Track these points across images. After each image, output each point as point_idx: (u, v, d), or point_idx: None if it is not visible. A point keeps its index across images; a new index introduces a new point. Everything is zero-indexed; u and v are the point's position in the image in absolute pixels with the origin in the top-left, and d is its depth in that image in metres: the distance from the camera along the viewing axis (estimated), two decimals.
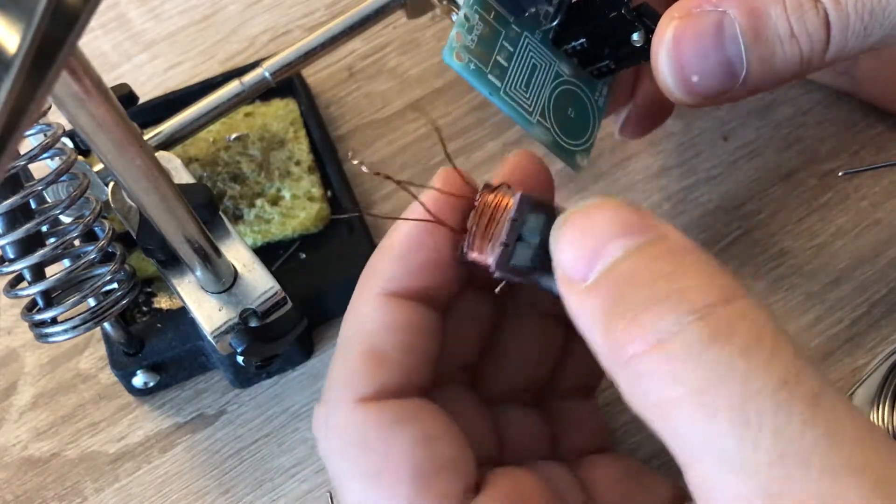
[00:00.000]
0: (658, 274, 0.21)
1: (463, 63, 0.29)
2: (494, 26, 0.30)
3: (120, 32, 0.48)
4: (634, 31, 0.29)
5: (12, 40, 0.17)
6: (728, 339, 0.19)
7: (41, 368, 0.39)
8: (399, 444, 0.24)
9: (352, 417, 0.25)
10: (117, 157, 0.27)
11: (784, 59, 0.27)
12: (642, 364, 0.20)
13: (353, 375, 0.26)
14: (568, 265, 0.23)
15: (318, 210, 0.40)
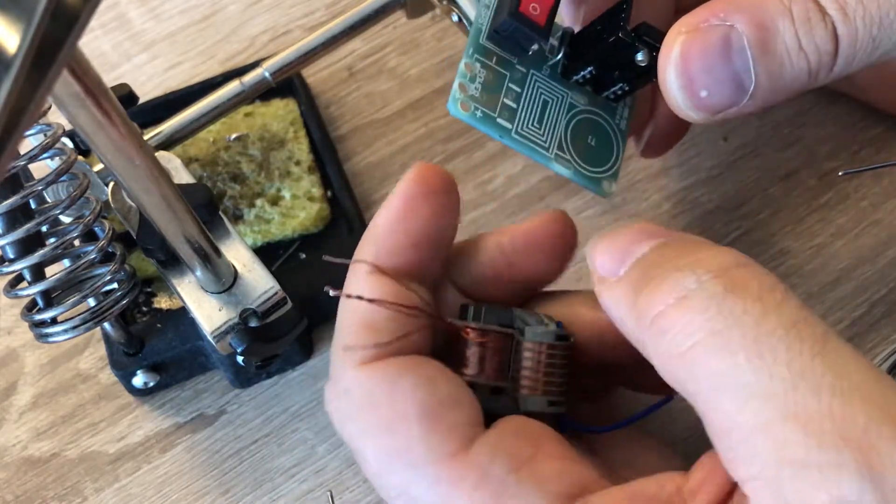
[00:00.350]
0: (678, 255, 0.24)
1: (469, 112, 0.30)
2: (498, 70, 0.30)
3: (120, 32, 0.48)
4: (637, 51, 0.29)
5: (12, 40, 0.17)
6: (742, 290, 0.22)
7: (41, 368, 0.39)
8: (402, 391, 0.26)
9: (356, 380, 0.27)
10: (117, 157, 0.27)
11: (792, 72, 0.27)
12: (666, 319, 0.23)
13: (353, 344, 0.27)
14: (601, 268, 0.26)
15: (318, 210, 0.40)
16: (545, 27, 0.29)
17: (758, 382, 0.21)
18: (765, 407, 0.21)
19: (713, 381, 0.22)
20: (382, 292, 0.28)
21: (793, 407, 0.20)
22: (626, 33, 0.29)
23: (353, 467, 0.36)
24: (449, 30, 0.46)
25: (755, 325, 0.21)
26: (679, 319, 0.22)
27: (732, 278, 0.23)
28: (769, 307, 0.22)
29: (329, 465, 0.36)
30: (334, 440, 0.37)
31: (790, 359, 0.21)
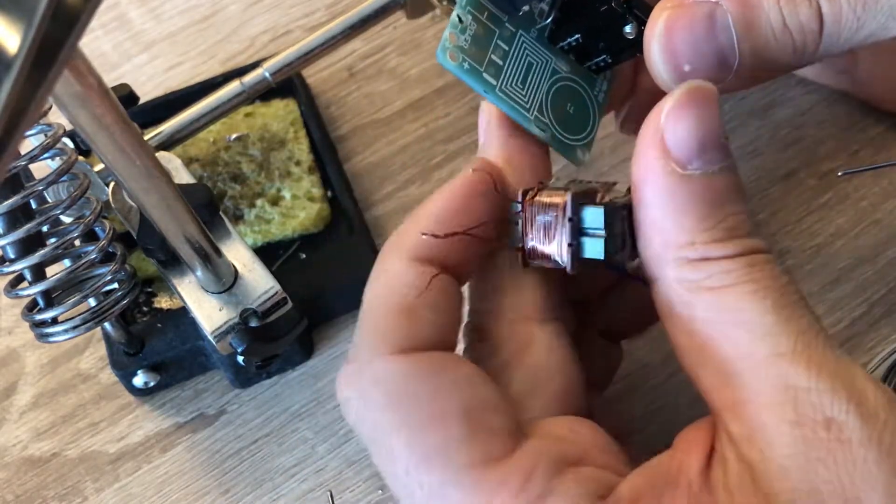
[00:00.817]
0: (736, 207, 0.26)
1: (457, 63, 0.30)
2: (488, 26, 0.31)
3: (120, 32, 0.48)
4: (626, 23, 0.29)
5: (13, 40, 0.17)
6: (773, 267, 0.25)
7: (41, 368, 0.39)
8: (445, 388, 0.25)
9: (392, 369, 0.25)
10: (118, 157, 0.27)
11: (776, 50, 0.27)
12: (716, 263, 0.25)
13: (388, 329, 0.26)
14: (676, 140, 0.25)
15: (318, 210, 0.40)
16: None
17: (777, 323, 0.24)
18: (778, 343, 0.24)
19: (737, 316, 0.24)
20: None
21: (801, 346, 0.24)
22: (618, 3, 0.29)
23: (353, 467, 0.36)
24: None
25: (784, 286, 0.25)
26: (728, 267, 0.25)
27: (768, 259, 0.25)
28: (790, 282, 0.25)
29: (329, 464, 0.36)
30: (334, 440, 0.37)
31: (802, 315, 0.24)
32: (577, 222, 0.26)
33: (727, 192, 0.26)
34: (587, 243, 0.26)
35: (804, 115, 0.42)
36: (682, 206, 0.25)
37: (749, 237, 0.25)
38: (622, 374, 0.37)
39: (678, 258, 0.25)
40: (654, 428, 0.36)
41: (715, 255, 0.25)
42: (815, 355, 0.24)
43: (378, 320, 0.26)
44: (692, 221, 0.25)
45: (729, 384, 0.24)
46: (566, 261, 0.26)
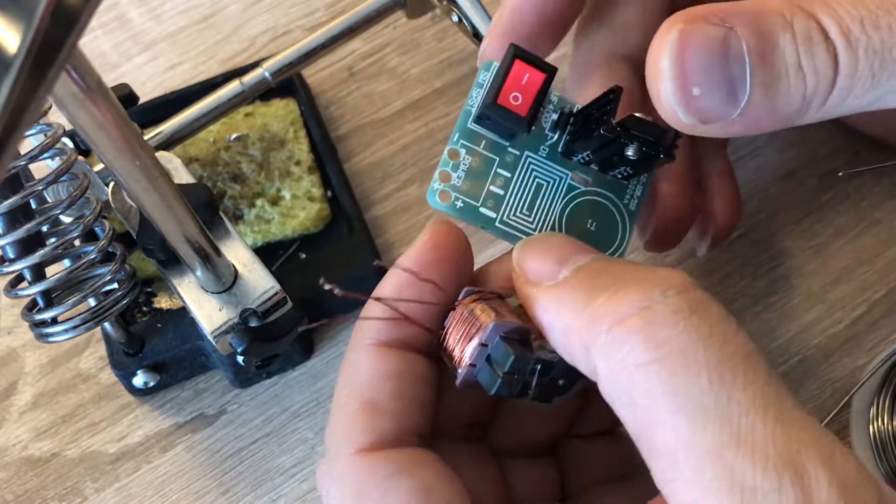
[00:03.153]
0: (630, 269, 0.24)
1: (449, 203, 0.28)
2: (486, 156, 0.28)
3: (120, 32, 0.48)
4: (625, 146, 0.27)
5: (12, 40, 0.17)
6: (706, 311, 0.22)
7: (41, 368, 0.39)
8: (396, 496, 0.24)
9: (350, 469, 0.25)
10: (117, 157, 0.27)
11: (788, 92, 0.25)
12: (625, 327, 0.22)
13: (349, 427, 0.26)
14: (533, 272, 0.25)
15: (318, 210, 0.40)
16: (527, 117, 0.27)
17: (717, 406, 0.21)
18: (721, 431, 0.21)
19: (671, 400, 0.21)
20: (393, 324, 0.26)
21: (744, 433, 0.21)
22: (608, 129, 0.26)
23: None
24: (449, 30, 0.46)
25: (720, 349, 0.21)
26: (643, 331, 0.22)
27: (695, 299, 0.22)
28: (730, 333, 0.22)
29: None
30: None
31: (746, 385, 0.21)
32: (487, 350, 0.25)
33: (609, 265, 0.24)
34: (485, 372, 0.25)
35: None
36: (568, 297, 0.24)
37: (653, 279, 0.23)
38: None
39: (594, 339, 0.23)
40: None
41: (622, 315, 0.22)
42: (761, 441, 0.21)
43: (342, 417, 0.26)
44: (581, 297, 0.23)
45: (676, 479, 0.22)
46: (459, 373, 0.26)
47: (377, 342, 0.27)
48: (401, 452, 0.25)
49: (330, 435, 0.27)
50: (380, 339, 0.27)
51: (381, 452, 0.25)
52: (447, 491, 0.25)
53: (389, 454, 0.25)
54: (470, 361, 0.25)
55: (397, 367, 0.26)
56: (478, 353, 0.25)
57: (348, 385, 0.27)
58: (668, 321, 0.22)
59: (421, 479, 0.25)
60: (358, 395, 0.26)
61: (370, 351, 0.27)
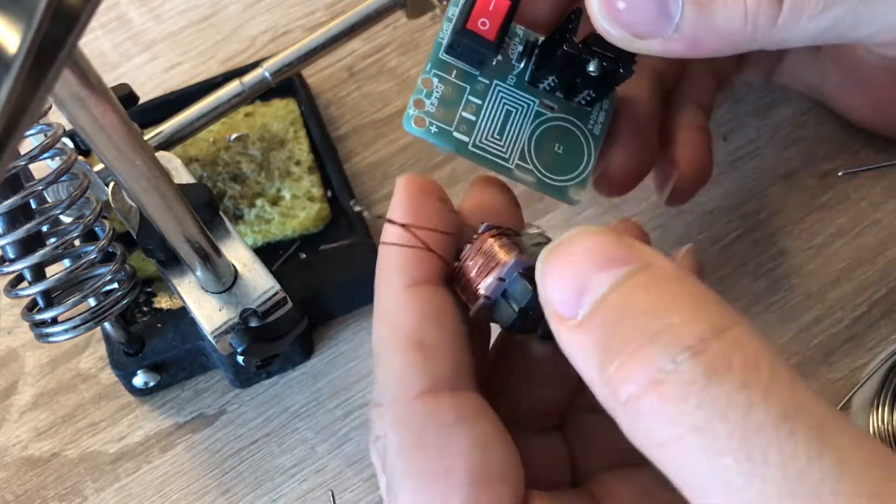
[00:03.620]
0: (646, 308, 0.21)
1: (424, 128, 0.29)
2: (457, 84, 0.30)
3: (120, 32, 0.48)
4: (587, 62, 0.28)
5: (13, 40, 0.17)
6: (725, 375, 0.19)
7: (41, 368, 0.39)
8: (457, 447, 0.24)
9: (410, 415, 0.24)
10: (117, 157, 0.27)
11: (725, 13, 0.25)
12: (640, 405, 0.20)
13: (404, 371, 0.25)
14: (557, 303, 0.22)
15: (318, 210, 0.40)
16: (496, 41, 0.29)
17: (749, 487, 0.18)
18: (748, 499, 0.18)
19: (699, 481, 0.19)
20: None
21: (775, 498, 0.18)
22: (571, 45, 0.28)
23: (353, 467, 0.36)
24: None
25: (742, 421, 0.18)
26: (657, 409, 0.19)
27: (712, 356, 0.19)
28: (756, 396, 0.19)
29: (329, 464, 0.36)
30: (334, 440, 0.37)
31: (784, 461, 0.18)
32: (503, 285, 0.25)
33: (627, 301, 0.21)
34: (500, 306, 0.25)
35: (804, 115, 0.42)
36: (586, 350, 0.21)
37: (667, 329, 0.20)
38: None
39: (613, 406, 0.21)
40: None
41: (635, 388, 0.20)
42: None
43: (394, 360, 0.25)
44: (598, 355, 0.21)
45: None
46: (474, 306, 0.26)
47: (411, 281, 0.26)
48: (460, 398, 0.25)
49: (382, 381, 0.25)
50: (412, 277, 0.26)
51: (443, 396, 0.24)
52: (504, 447, 0.25)
53: (451, 400, 0.25)
54: (486, 294, 0.25)
55: (438, 305, 0.26)
56: (495, 287, 0.25)
57: (391, 328, 0.26)
58: (680, 395, 0.19)
59: (481, 431, 0.24)
60: (406, 338, 0.25)
61: (403, 293, 0.26)
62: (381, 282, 0.26)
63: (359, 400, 0.38)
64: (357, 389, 0.38)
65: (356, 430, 0.37)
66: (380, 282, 0.26)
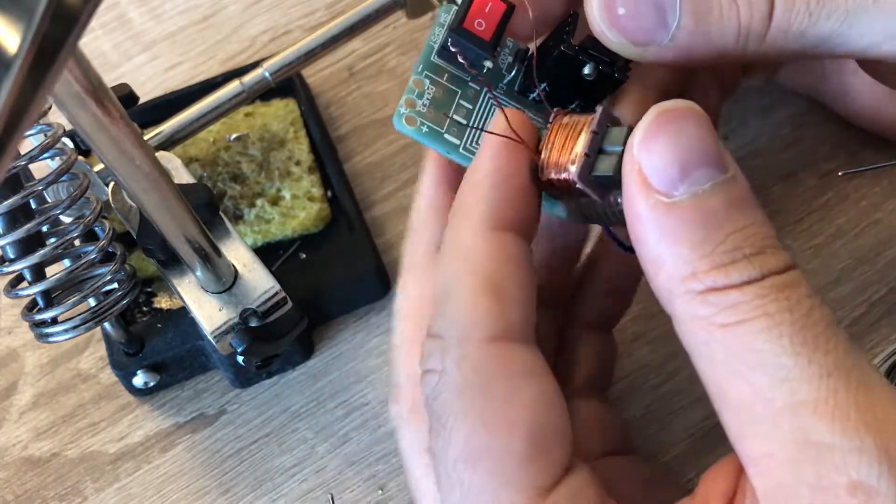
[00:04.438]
0: (738, 223, 0.23)
1: (415, 127, 0.29)
2: (449, 87, 0.30)
3: (120, 32, 0.48)
4: (583, 65, 0.28)
5: (12, 40, 0.17)
6: (796, 286, 0.22)
7: (41, 368, 0.39)
8: (522, 398, 0.24)
9: (478, 357, 0.24)
10: (117, 157, 0.27)
11: (720, 23, 0.25)
12: (722, 295, 0.22)
13: (480, 312, 0.25)
14: (654, 170, 0.23)
15: (318, 210, 0.40)
16: (491, 42, 0.28)
17: (797, 366, 0.21)
18: (799, 389, 0.21)
19: (752, 357, 0.22)
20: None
21: (824, 393, 0.21)
22: (568, 46, 0.28)
23: (353, 467, 0.36)
24: None
25: (805, 316, 0.22)
26: (737, 299, 0.22)
27: (790, 278, 0.23)
28: (815, 305, 0.22)
29: (329, 464, 0.36)
30: (334, 440, 0.37)
31: (828, 350, 0.22)
32: (598, 138, 0.25)
33: (725, 209, 0.23)
34: (601, 160, 0.25)
35: (804, 115, 0.42)
36: (674, 236, 0.23)
37: (760, 255, 0.23)
38: (622, 374, 0.37)
39: (684, 293, 0.23)
40: (655, 428, 0.36)
41: (720, 285, 0.22)
42: (843, 403, 0.21)
43: (465, 298, 0.25)
44: (688, 250, 0.23)
45: (751, 434, 0.22)
46: (575, 170, 0.25)
47: (496, 225, 0.25)
48: (530, 352, 0.25)
49: (452, 315, 0.25)
50: (497, 221, 0.25)
51: (514, 347, 0.25)
52: (563, 411, 0.25)
53: (521, 351, 0.25)
54: (586, 150, 0.25)
55: (517, 251, 0.25)
56: (591, 141, 0.25)
57: (469, 267, 0.25)
58: (762, 293, 0.22)
59: (546, 391, 0.25)
60: (485, 279, 0.25)
61: (485, 233, 0.25)
62: (461, 219, 0.26)
63: (359, 400, 0.38)
64: (357, 389, 0.38)
65: (356, 430, 0.37)
66: (459, 218, 0.26)
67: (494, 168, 0.26)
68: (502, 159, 0.26)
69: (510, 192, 0.26)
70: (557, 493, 0.24)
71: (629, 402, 0.37)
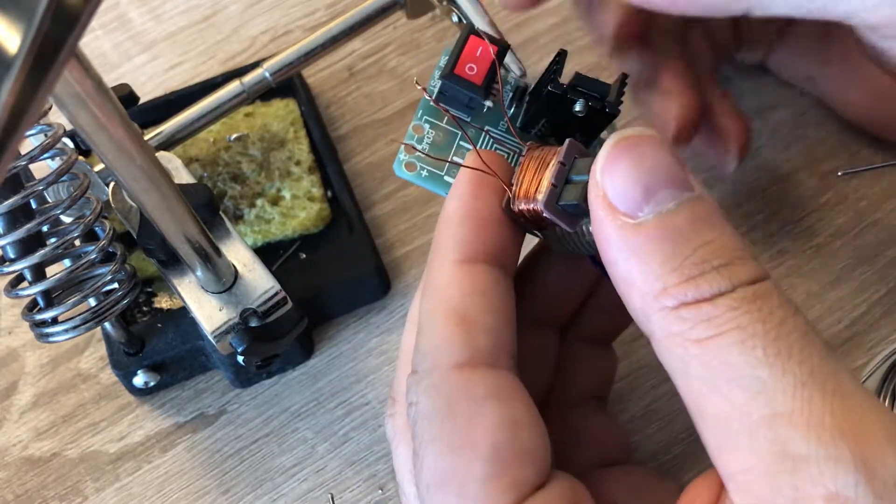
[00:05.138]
0: (710, 240, 0.23)
1: (415, 173, 0.29)
2: (449, 130, 0.30)
3: (120, 33, 0.48)
4: (573, 102, 0.28)
5: (13, 40, 0.17)
6: (768, 298, 0.22)
7: (42, 368, 0.39)
8: (485, 421, 0.24)
9: (443, 384, 0.25)
10: (118, 157, 0.27)
11: None
12: (694, 309, 0.22)
13: (446, 341, 0.25)
14: (617, 194, 0.23)
15: (318, 210, 0.40)
16: (482, 86, 0.29)
17: (771, 377, 0.21)
18: (774, 400, 0.21)
19: (726, 372, 0.22)
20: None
21: (799, 403, 0.21)
22: (555, 86, 0.28)
23: (353, 467, 0.36)
24: (449, 30, 0.46)
25: (777, 326, 0.22)
26: (709, 313, 0.22)
27: (761, 289, 0.23)
28: (789, 314, 0.22)
29: (329, 464, 0.36)
30: (334, 440, 0.37)
31: (803, 360, 0.21)
32: (566, 169, 0.26)
33: (692, 225, 0.23)
34: (568, 189, 0.26)
35: (804, 115, 0.42)
36: (642, 254, 0.23)
37: (728, 266, 0.23)
38: (622, 374, 0.37)
39: (657, 310, 0.23)
40: (654, 427, 0.36)
41: (690, 298, 0.22)
42: (818, 411, 0.21)
43: (435, 330, 0.26)
44: (657, 265, 0.23)
45: (729, 448, 0.22)
46: (541, 199, 0.26)
47: (460, 258, 0.26)
48: (495, 375, 0.25)
49: (423, 348, 0.26)
50: (462, 253, 0.26)
51: (478, 371, 0.25)
52: (532, 428, 0.25)
53: (485, 375, 0.25)
54: (552, 181, 0.25)
55: (486, 281, 0.26)
56: (558, 172, 0.26)
57: (438, 300, 0.26)
58: (732, 305, 0.22)
59: (510, 410, 0.25)
60: (451, 310, 0.26)
61: (455, 267, 0.26)
62: (434, 254, 0.27)
63: (359, 400, 0.38)
64: (357, 389, 0.38)
65: (356, 430, 0.37)
66: (433, 254, 0.27)
67: (462, 203, 0.27)
68: (469, 194, 0.27)
69: (478, 225, 0.27)
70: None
71: (629, 402, 0.37)
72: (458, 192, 0.27)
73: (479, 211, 0.27)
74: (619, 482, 0.29)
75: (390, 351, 0.39)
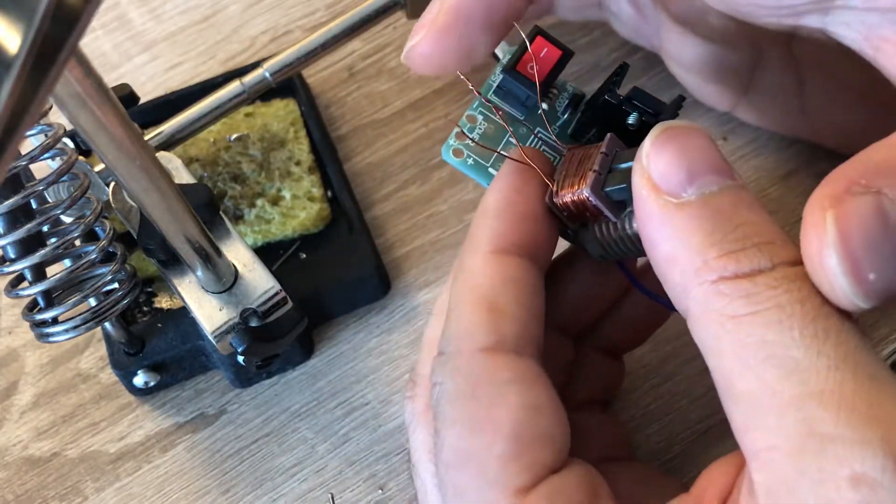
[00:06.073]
0: (754, 221, 0.24)
1: (461, 160, 0.30)
2: (501, 125, 0.31)
3: (121, 33, 0.48)
4: (628, 114, 0.29)
5: (13, 40, 0.17)
6: (805, 281, 0.23)
7: (42, 368, 0.39)
8: (506, 405, 0.25)
9: (469, 366, 0.26)
10: (118, 157, 0.27)
11: None
12: (734, 285, 0.23)
13: (473, 326, 0.26)
14: (661, 176, 0.24)
15: (319, 210, 0.40)
16: (542, 85, 0.30)
17: (806, 358, 0.21)
18: (807, 380, 0.21)
19: (761, 350, 0.22)
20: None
21: (831, 385, 0.21)
22: (612, 95, 0.29)
23: (353, 467, 0.36)
24: None
25: (816, 308, 0.22)
26: (748, 290, 0.22)
27: (801, 270, 0.23)
28: (826, 299, 0.23)
29: (329, 464, 0.36)
30: (334, 440, 0.37)
31: (838, 343, 0.22)
32: (609, 158, 0.27)
33: (735, 206, 0.24)
34: (612, 176, 0.26)
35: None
36: (685, 230, 0.23)
37: (770, 244, 0.23)
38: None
39: (697, 285, 0.23)
40: (654, 427, 0.36)
41: (731, 273, 0.23)
42: (850, 395, 0.21)
43: (464, 316, 0.26)
44: (699, 238, 0.23)
45: (756, 426, 0.22)
46: (588, 186, 0.26)
47: (494, 248, 0.27)
48: (520, 361, 0.26)
49: (451, 332, 0.27)
50: (496, 245, 0.27)
51: (503, 355, 0.26)
52: (552, 413, 0.26)
53: (510, 360, 0.26)
54: (597, 169, 0.26)
55: (517, 273, 0.27)
56: (602, 160, 0.26)
57: (469, 287, 0.27)
58: (773, 283, 0.22)
59: (534, 395, 0.25)
60: (480, 297, 0.26)
61: (487, 257, 0.27)
62: (469, 244, 0.28)
63: (359, 400, 0.38)
64: (357, 389, 0.38)
65: (356, 430, 0.37)
66: (468, 243, 0.28)
67: (502, 196, 0.28)
68: (510, 188, 0.28)
69: (516, 219, 0.27)
70: (536, 492, 0.24)
71: (629, 402, 0.37)
72: (500, 186, 0.28)
73: (518, 205, 0.28)
74: (625, 475, 0.29)
75: (390, 351, 0.39)
